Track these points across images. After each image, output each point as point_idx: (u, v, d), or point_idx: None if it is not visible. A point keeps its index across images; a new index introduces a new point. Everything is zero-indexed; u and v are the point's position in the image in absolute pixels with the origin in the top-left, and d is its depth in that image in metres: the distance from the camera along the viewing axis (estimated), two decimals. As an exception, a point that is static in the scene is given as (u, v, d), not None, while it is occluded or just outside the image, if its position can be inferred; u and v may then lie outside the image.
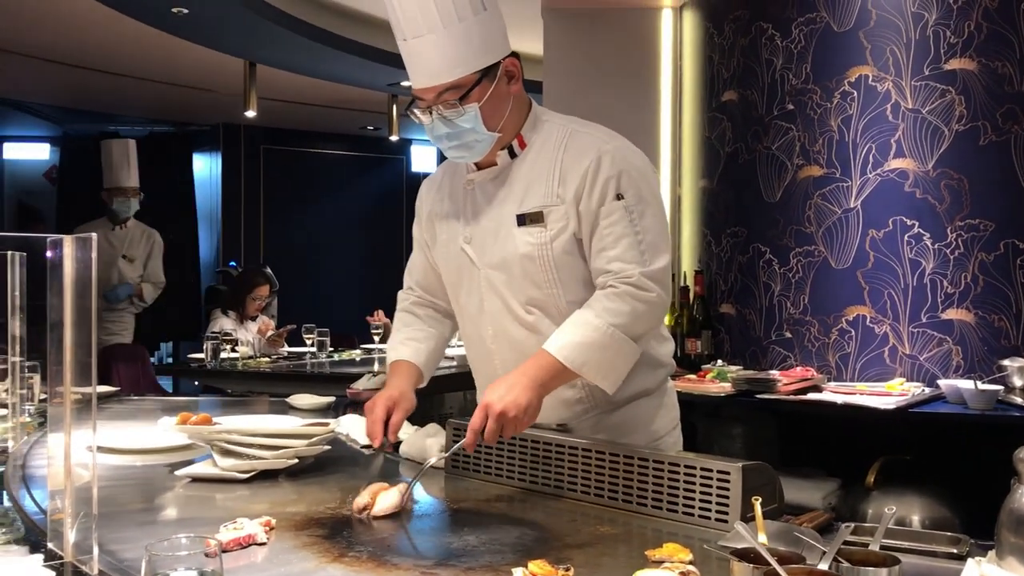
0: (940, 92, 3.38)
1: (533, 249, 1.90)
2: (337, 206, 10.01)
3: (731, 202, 3.98)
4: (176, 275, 7.39)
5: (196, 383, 5.38)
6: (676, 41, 4.50)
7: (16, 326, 2.51)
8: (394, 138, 8.27)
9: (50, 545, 1.42)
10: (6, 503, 1.76)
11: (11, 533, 1.50)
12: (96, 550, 1.33)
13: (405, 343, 2.13)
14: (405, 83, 7.29)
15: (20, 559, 1.36)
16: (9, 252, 2.49)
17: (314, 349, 5.42)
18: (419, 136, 10.46)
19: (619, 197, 1.85)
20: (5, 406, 2.54)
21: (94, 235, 1.30)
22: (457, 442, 2.00)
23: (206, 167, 9.98)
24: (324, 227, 9.82)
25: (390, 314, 2.47)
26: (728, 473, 1.59)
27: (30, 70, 7.25)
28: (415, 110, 1.88)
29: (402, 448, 2.19)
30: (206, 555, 0.99)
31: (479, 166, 1.98)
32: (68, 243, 1.36)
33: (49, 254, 1.41)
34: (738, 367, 3.68)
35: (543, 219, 1.89)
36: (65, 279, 1.36)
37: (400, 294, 2.27)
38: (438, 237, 2.08)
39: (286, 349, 5.65)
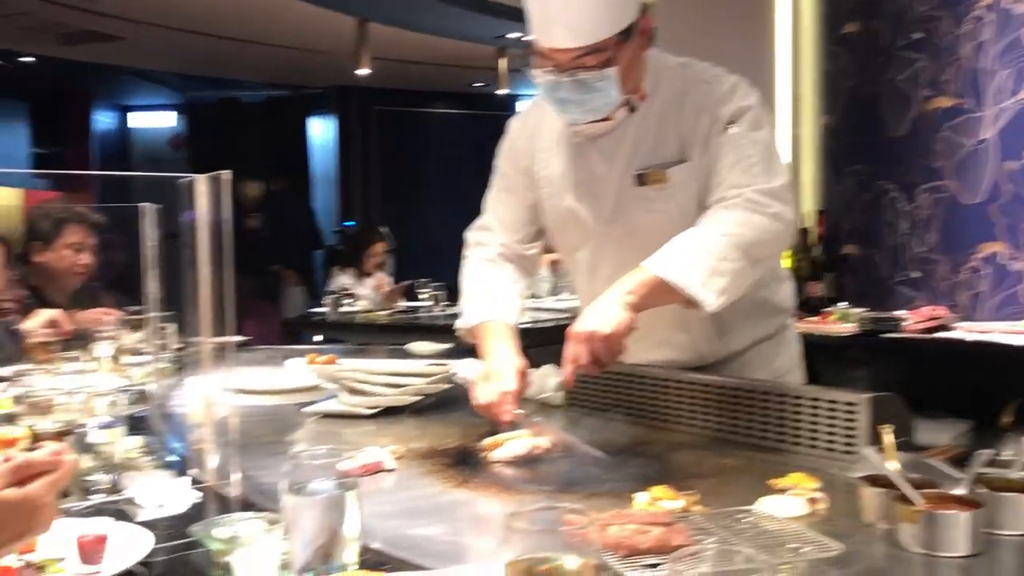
0: (1083, 11, 3.15)
1: (656, 212, 1.79)
2: (447, 163, 10.10)
3: (853, 139, 3.82)
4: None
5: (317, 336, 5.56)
6: (793, -27, 4.32)
7: (151, 278, 2.64)
8: (502, 91, 8.27)
9: (193, 472, 1.50)
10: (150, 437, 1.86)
11: (157, 461, 1.59)
12: (236, 474, 1.40)
13: (506, 300, 1.96)
14: (511, 35, 7.27)
15: (168, 478, 1.45)
16: (141, 204, 2.62)
17: (430, 303, 5.53)
18: (526, 92, 10.43)
19: (730, 124, 1.74)
20: (141, 354, 2.71)
21: (226, 172, 1.35)
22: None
23: (323, 130, 10.22)
24: (435, 184, 9.93)
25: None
26: (855, 404, 1.55)
27: (153, 39, 7.53)
28: (537, 70, 1.70)
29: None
30: (342, 473, 1.03)
31: None
32: (201, 182, 1.41)
33: (186, 218, 1.47)
34: (862, 310, 3.56)
35: (665, 179, 1.78)
36: (199, 217, 1.42)
37: (477, 236, 2.08)
38: (541, 189, 1.96)
39: (402, 304, 5.78)
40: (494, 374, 1.75)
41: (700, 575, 0.87)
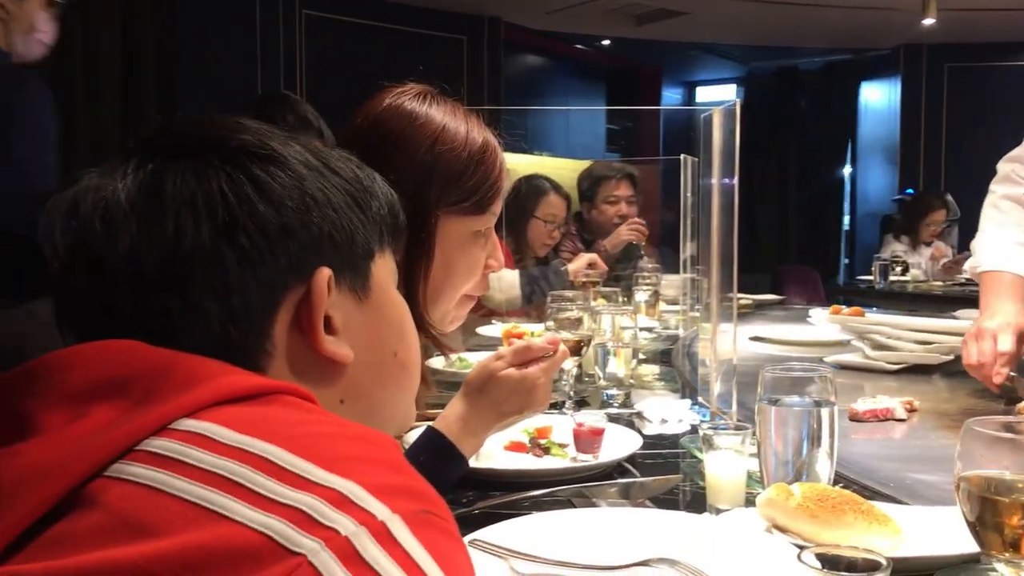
0: None
1: None
2: (1031, 124, 8.89)
3: None
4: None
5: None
6: None
7: (686, 230, 2.77)
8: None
9: (699, 398, 1.56)
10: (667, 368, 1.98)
11: (671, 386, 1.69)
12: (735, 405, 1.42)
13: (1017, 248, 1.69)
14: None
15: (674, 401, 1.53)
16: (681, 156, 2.75)
17: (996, 275, 4.98)
18: None
19: None
20: (676, 303, 2.88)
21: (737, 101, 1.36)
22: None
23: (884, 94, 9.67)
24: (1014, 146, 8.81)
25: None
26: None
27: (717, 11, 7.78)
28: None
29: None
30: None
31: None
32: (716, 114, 1.44)
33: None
34: None
35: None
36: (713, 150, 1.45)
37: (1006, 168, 1.87)
38: None
39: (963, 276, 5.30)
40: (987, 332, 1.53)
41: None
